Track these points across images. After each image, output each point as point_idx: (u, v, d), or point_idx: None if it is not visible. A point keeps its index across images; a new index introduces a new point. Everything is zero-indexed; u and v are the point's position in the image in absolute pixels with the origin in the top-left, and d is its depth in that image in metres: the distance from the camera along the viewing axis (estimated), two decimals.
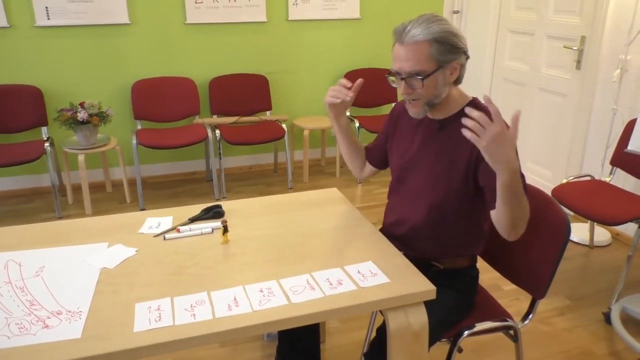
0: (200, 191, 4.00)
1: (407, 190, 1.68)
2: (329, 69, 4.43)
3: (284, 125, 3.99)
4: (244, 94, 4.15)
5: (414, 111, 1.56)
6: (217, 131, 3.84)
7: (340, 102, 1.65)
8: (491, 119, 1.26)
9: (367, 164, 1.91)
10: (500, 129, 1.25)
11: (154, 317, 1.25)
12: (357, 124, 4.19)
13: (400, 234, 1.70)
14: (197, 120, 4.02)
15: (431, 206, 1.61)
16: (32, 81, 3.71)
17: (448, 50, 1.45)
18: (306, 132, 4.09)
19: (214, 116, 4.09)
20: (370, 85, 4.52)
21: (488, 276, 1.98)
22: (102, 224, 1.76)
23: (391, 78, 1.54)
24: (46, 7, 3.59)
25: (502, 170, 1.30)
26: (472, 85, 4.34)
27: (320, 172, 4.41)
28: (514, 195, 1.35)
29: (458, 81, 1.55)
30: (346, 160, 1.92)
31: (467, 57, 1.52)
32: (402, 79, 1.48)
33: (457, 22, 4.57)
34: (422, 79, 1.45)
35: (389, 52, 4.80)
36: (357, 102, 4.44)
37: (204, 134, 3.75)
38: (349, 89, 1.63)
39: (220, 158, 3.94)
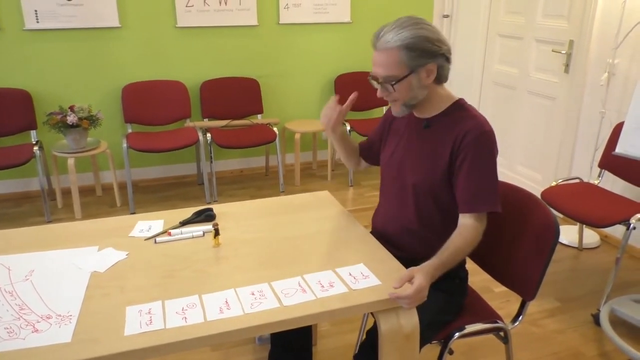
0: (192, 195, 3.99)
1: (395, 189, 1.70)
2: (320, 73, 4.44)
3: (275, 129, 3.99)
4: (235, 97, 4.14)
5: (395, 110, 1.62)
6: (208, 134, 3.84)
7: (336, 119, 1.72)
8: None
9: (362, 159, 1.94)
10: (421, 297, 1.35)
11: (145, 320, 1.25)
12: (348, 127, 4.20)
13: (389, 233, 1.71)
14: (188, 123, 4.01)
15: (417, 204, 1.63)
16: (21, 85, 3.68)
17: (419, 55, 1.47)
18: (297, 136, 4.09)
19: (205, 119, 4.08)
20: (362, 89, 4.54)
21: (479, 278, 1.99)
22: (92, 228, 1.75)
23: (372, 81, 1.58)
24: (35, 11, 3.58)
25: None
26: (463, 88, 4.36)
27: (311, 176, 4.41)
28: (447, 268, 1.47)
29: (441, 81, 1.57)
30: (342, 159, 1.95)
31: (447, 58, 1.53)
32: (379, 83, 1.54)
33: (447, 26, 4.60)
34: (393, 84, 1.51)
35: None
36: None
37: (194, 138, 3.74)
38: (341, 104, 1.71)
39: (212, 161, 3.93)
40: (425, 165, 1.60)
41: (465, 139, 1.52)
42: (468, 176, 1.53)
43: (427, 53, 1.48)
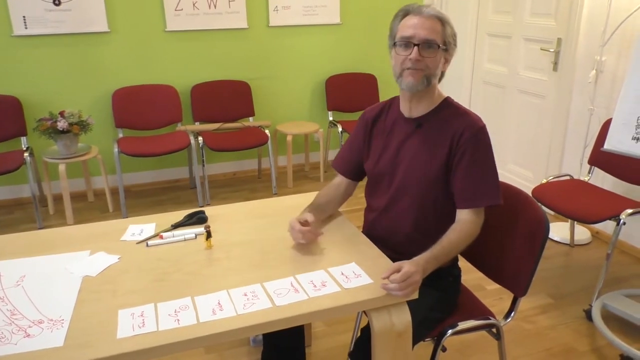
0: (184, 198, 3.98)
1: (387, 192, 1.69)
2: (310, 74, 4.45)
3: (267, 131, 3.99)
4: (226, 100, 4.14)
5: (412, 80, 1.54)
6: (200, 138, 3.83)
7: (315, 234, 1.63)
8: None
9: (345, 183, 1.84)
10: (411, 283, 1.35)
11: (138, 323, 1.25)
12: (340, 129, 4.21)
13: (381, 235, 1.71)
14: (180, 127, 4.00)
15: (412, 205, 1.63)
16: (11, 91, 3.66)
17: (453, 36, 1.57)
18: (289, 138, 4.10)
19: (196, 123, 4.08)
20: (352, 90, 4.57)
21: (471, 276, 2.00)
22: (83, 232, 1.74)
23: (395, 49, 1.56)
24: (23, 17, 3.56)
25: None
26: (453, 88, 4.38)
27: (304, 177, 4.41)
28: (441, 262, 1.49)
29: (441, 78, 1.62)
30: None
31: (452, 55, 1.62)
32: (415, 45, 1.51)
33: None
34: (437, 47, 1.52)
35: (369, 56, 4.84)
36: (339, 107, 4.47)
37: (186, 141, 3.73)
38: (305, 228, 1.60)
39: (204, 165, 3.93)
40: (421, 165, 1.60)
41: (463, 136, 1.53)
42: (468, 172, 1.54)
43: (454, 39, 1.58)
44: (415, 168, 1.62)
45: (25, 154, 3.49)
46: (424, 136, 1.61)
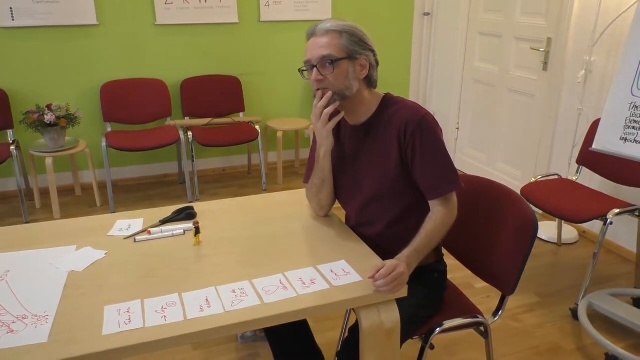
0: (173, 194, 3.96)
1: (357, 201, 1.69)
2: None
3: (257, 127, 3.98)
4: (216, 95, 4.12)
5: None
6: (190, 133, 3.81)
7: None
8: None
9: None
10: (397, 276, 1.35)
11: (124, 319, 1.23)
12: None
13: (363, 239, 1.69)
14: (169, 122, 3.97)
15: (382, 209, 1.63)
16: None
17: (357, 42, 1.54)
18: (280, 134, 4.08)
19: (186, 118, 4.05)
20: None
21: (460, 274, 2.01)
22: (70, 227, 1.72)
23: (304, 72, 1.59)
24: (10, 8, 3.51)
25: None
26: (444, 86, 4.39)
27: (294, 174, 4.40)
28: (424, 253, 1.49)
29: (371, 83, 1.60)
30: (324, 196, 1.74)
31: (377, 62, 1.60)
32: (313, 66, 1.53)
33: (428, 24, 4.63)
34: (332, 63, 1.51)
35: None
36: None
37: (176, 136, 3.71)
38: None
39: (193, 160, 3.91)
40: (379, 169, 1.60)
41: (408, 130, 1.52)
42: (423, 164, 1.53)
43: (363, 44, 1.55)
44: (374, 173, 1.61)
45: (12, 147, 3.44)
46: (374, 140, 1.61)
